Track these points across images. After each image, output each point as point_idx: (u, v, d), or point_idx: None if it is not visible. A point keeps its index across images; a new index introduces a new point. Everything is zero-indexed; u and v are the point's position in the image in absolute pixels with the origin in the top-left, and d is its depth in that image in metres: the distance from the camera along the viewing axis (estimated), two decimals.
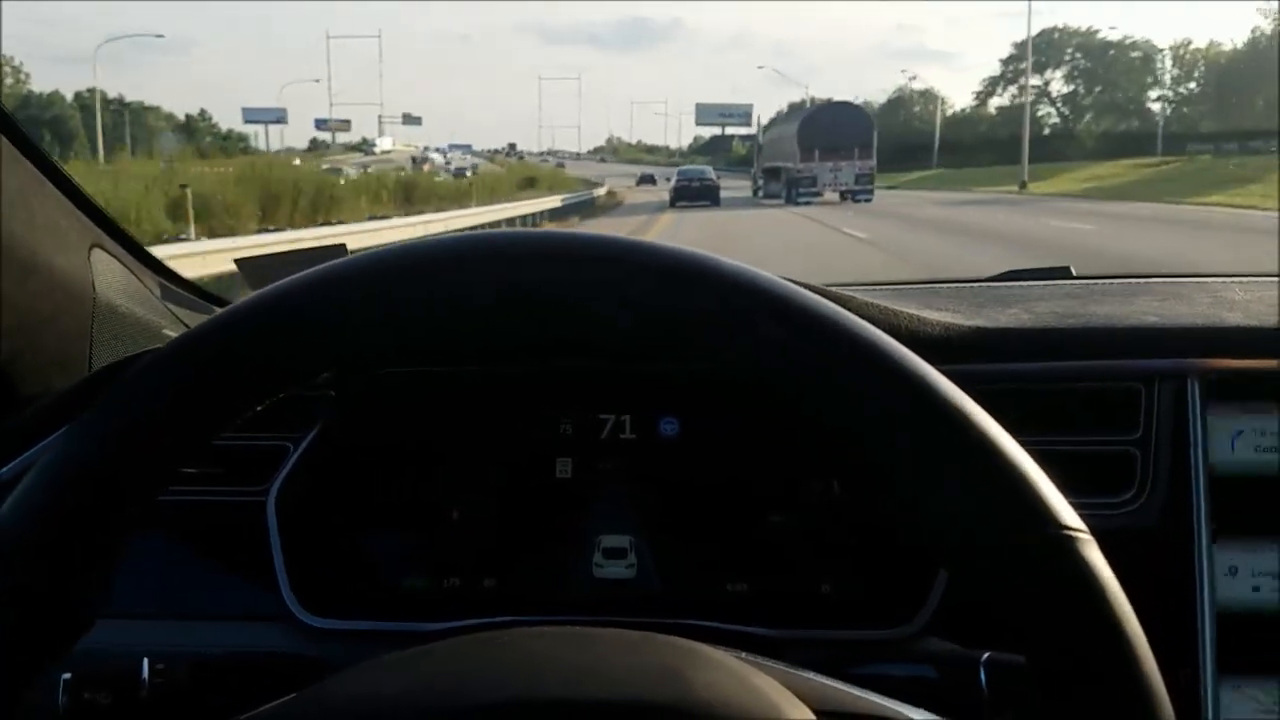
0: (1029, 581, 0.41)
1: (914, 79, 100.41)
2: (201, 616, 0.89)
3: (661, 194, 51.61)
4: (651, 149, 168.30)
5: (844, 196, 37.48)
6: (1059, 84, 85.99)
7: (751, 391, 0.45)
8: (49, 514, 0.43)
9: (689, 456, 0.93)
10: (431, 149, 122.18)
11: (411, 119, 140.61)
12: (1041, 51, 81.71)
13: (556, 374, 0.93)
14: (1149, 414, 0.87)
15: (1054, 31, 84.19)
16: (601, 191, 46.82)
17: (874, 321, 0.45)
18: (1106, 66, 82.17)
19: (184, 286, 1.03)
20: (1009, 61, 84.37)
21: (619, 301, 0.45)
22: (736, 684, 0.45)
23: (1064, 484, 0.43)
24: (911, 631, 0.85)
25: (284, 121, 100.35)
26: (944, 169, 69.25)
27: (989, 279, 1.24)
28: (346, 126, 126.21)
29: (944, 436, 0.43)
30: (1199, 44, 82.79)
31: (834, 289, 0.89)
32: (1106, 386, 0.89)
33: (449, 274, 0.45)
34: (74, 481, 0.43)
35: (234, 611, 0.90)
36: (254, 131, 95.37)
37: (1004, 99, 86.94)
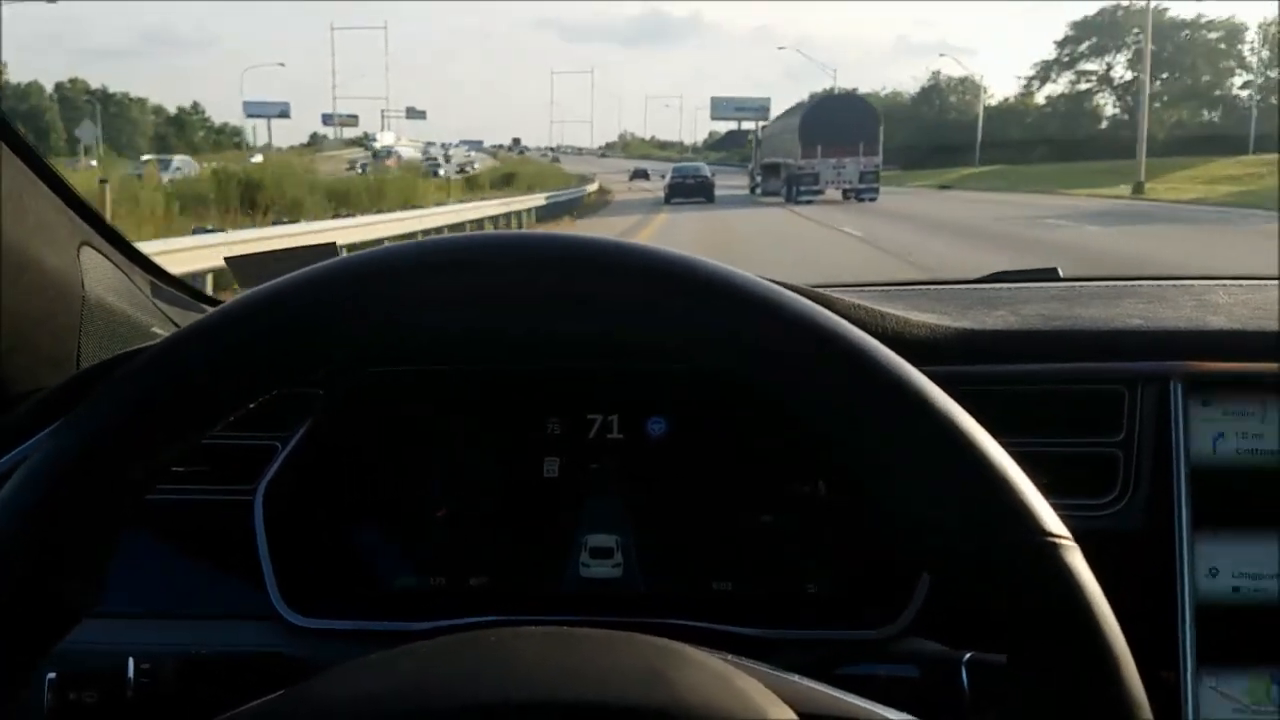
0: (1013, 588, 0.41)
1: (936, 74, 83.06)
2: (188, 616, 0.90)
3: (654, 189, 48.67)
4: (665, 145, 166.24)
5: (847, 195, 35.49)
6: (1121, 69, 73.26)
7: (739, 393, 0.45)
8: (40, 510, 0.43)
9: (676, 456, 0.93)
10: (436, 144, 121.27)
11: (415, 113, 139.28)
12: (1102, 32, 72.78)
13: (545, 374, 0.94)
14: (1132, 416, 0.88)
15: (1116, 10, 71.36)
16: (592, 188, 44.60)
17: (860, 323, 0.45)
18: (1179, 49, 69.11)
19: (173, 284, 1.03)
20: (1065, 44, 74.49)
21: (596, 303, 0.45)
22: (720, 685, 0.45)
23: (1047, 485, 0.43)
24: (895, 632, 0.85)
25: (286, 115, 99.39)
26: (989, 166, 59.10)
27: (976, 280, 1.24)
28: (354, 121, 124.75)
29: (930, 443, 0.42)
30: None
31: (819, 290, 0.89)
32: (1090, 389, 0.89)
33: (445, 273, 0.45)
34: (65, 477, 0.43)
35: (220, 611, 0.90)
36: (251, 126, 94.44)
37: (1060, 85, 75.52)
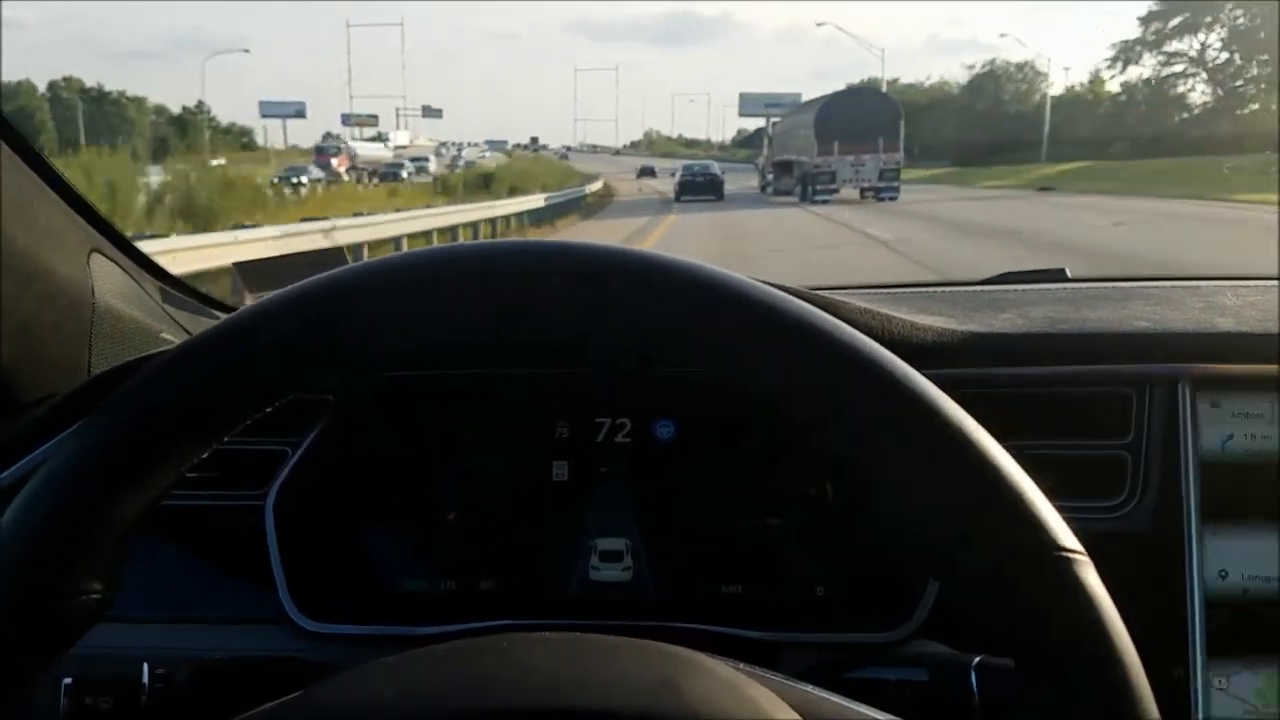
0: (1025, 603, 0.41)
1: (991, 61, 69.67)
2: (200, 620, 0.90)
3: (661, 187, 46.43)
4: (691, 142, 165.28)
5: (864, 194, 33.31)
6: (1215, 50, 59.07)
7: (746, 396, 0.45)
8: (60, 511, 0.44)
9: (684, 460, 0.93)
10: (450, 144, 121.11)
11: (432, 111, 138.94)
12: (1194, 8, 59.07)
13: (553, 378, 0.94)
14: (1140, 418, 0.87)
15: None
16: (595, 187, 42.01)
17: (866, 328, 0.46)
18: None
19: (183, 290, 1.04)
20: (1149, 20, 60.84)
21: (599, 309, 0.45)
22: (730, 693, 0.45)
23: (1055, 488, 0.43)
24: (904, 635, 0.85)
25: (302, 115, 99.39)
26: (1066, 164, 48.64)
27: (984, 281, 1.24)
28: (374, 121, 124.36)
29: (943, 457, 0.42)
30: None
31: (824, 294, 0.89)
32: (1099, 391, 0.89)
33: (463, 281, 0.46)
34: (84, 480, 0.44)
35: (232, 615, 0.91)
36: (263, 126, 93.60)
37: (1144, 69, 62.04)
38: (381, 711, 0.43)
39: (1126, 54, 62.52)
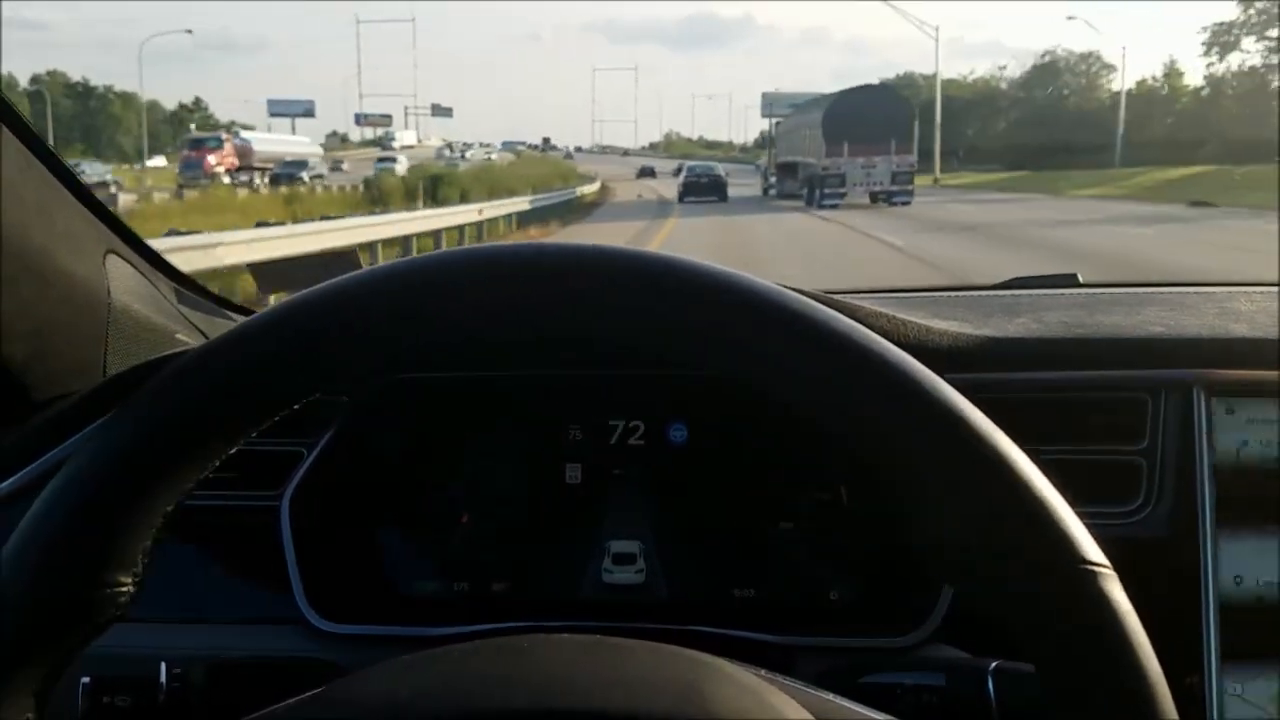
0: (1051, 614, 0.41)
1: (1052, 51, 62.23)
2: (217, 620, 0.91)
3: (660, 187, 45.46)
4: (712, 144, 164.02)
5: (874, 198, 31.71)
6: None
7: (760, 399, 0.45)
8: (85, 509, 0.44)
9: (698, 462, 0.93)
10: (458, 143, 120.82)
11: (441, 110, 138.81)
12: None
13: (566, 380, 0.94)
14: (1155, 424, 0.87)
15: None
16: (592, 189, 40.68)
17: (882, 332, 0.45)
18: None
19: (199, 292, 1.04)
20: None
21: (614, 310, 0.46)
22: (752, 700, 0.45)
23: (1070, 493, 0.43)
24: (919, 639, 0.85)
25: (311, 114, 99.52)
26: (1143, 166, 42.25)
27: (996, 286, 1.23)
28: (387, 121, 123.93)
29: (970, 466, 0.42)
30: None
31: (838, 297, 0.89)
32: (1113, 397, 0.89)
33: (482, 285, 0.46)
34: (108, 479, 0.45)
35: (248, 615, 0.91)
36: (268, 125, 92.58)
37: (1245, 56, 53.36)
38: (400, 710, 0.43)
39: (1223, 40, 53.58)
